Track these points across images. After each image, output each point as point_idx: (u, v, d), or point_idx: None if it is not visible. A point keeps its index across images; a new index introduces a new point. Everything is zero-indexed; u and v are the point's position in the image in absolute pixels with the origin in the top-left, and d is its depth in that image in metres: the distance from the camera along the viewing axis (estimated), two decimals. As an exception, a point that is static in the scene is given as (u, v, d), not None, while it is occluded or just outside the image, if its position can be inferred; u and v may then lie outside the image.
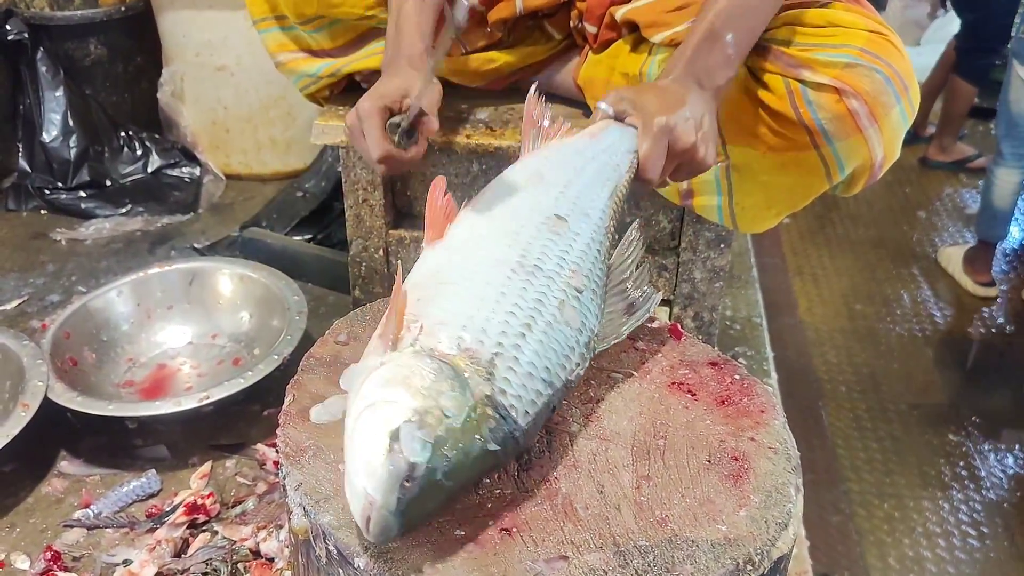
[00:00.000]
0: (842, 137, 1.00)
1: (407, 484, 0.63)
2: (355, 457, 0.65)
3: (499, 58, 1.36)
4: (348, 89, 1.44)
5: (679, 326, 0.92)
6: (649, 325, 0.93)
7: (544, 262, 0.79)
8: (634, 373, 0.87)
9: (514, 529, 0.69)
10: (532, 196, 0.87)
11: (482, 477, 0.72)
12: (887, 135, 1.01)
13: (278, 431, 0.79)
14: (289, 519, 0.74)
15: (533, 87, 1.00)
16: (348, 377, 0.72)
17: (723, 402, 0.82)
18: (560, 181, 0.89)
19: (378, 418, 0.65)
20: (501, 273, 0.77)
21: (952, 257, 3.05)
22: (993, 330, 2.80)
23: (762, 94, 1.02)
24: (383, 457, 0.63)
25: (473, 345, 0.71)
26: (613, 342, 0.83)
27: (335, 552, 0.70)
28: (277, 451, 0.83)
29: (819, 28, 1.02)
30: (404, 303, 0.75)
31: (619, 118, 0.95)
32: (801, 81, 0.99)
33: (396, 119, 1.06)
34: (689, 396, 0.83)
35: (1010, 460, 2.25)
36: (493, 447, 0.68)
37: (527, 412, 0.71)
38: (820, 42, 1.00)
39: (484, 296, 0.75)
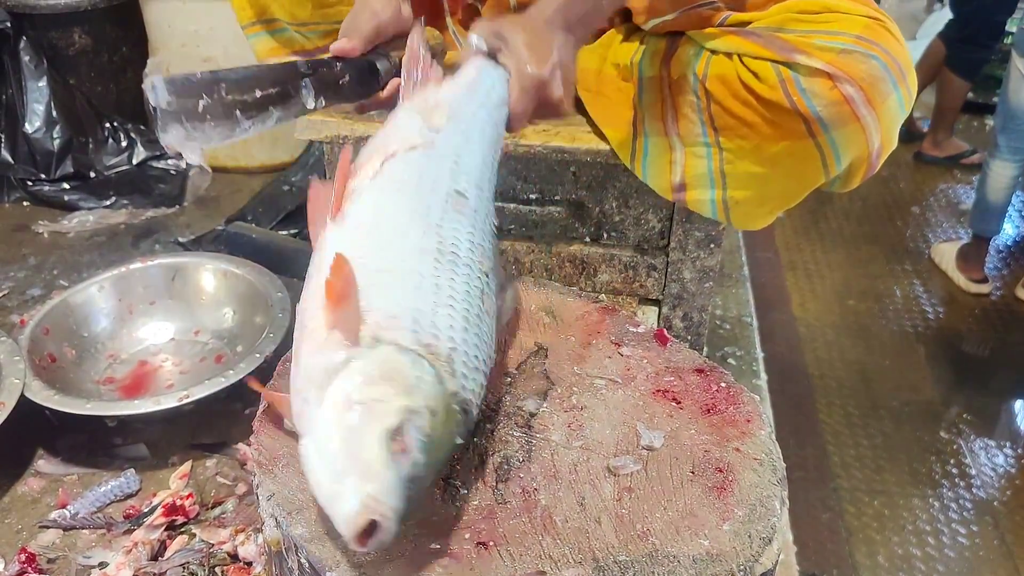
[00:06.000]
0: (839, 125, 0.97)
1: (411, 485, 0.61)
2: (346, 459, 0.61)
3: None
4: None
5: (664, 331, 0.90)
6: (634, 330, 0.91)
7: (459, 247, 0.79)
8: (618, 380, 0.85)
9: (491, 543, 0.67)
10: (429, 168, 0.84)
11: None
12: (885, 123, 0.99)
13: (251, 439, 0.77)
14: (262, 530, 0.73)
15: (419, 22, 0.97)
16: (307, 374, 0.68)
17: (708, 411, 0.81)
18: (451, 150, 0.86)
19: (372, 417, 0.62)
20: (427, 262, 0.76)
21: (945, 253, 3.03)
22: (985, 327, 2.79)
23: (753, 84, 0.99)
24: (386, 458, 0.61)
25: (431, 340, 0.70)
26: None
27: (307, 565, 0.68)
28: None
29: (815, 15, 1.00)
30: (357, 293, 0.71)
31: (490, 54, 0.93)
32: (792, 67, 0.97)
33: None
34: (674, 404, 0.82)
35: (1001, 458, 2.24)
36: (459, 441, 0.69)
37: (477, 405, 0.71)
38: (816, 28, 0.98)
39: (420, 287, 0.74)
